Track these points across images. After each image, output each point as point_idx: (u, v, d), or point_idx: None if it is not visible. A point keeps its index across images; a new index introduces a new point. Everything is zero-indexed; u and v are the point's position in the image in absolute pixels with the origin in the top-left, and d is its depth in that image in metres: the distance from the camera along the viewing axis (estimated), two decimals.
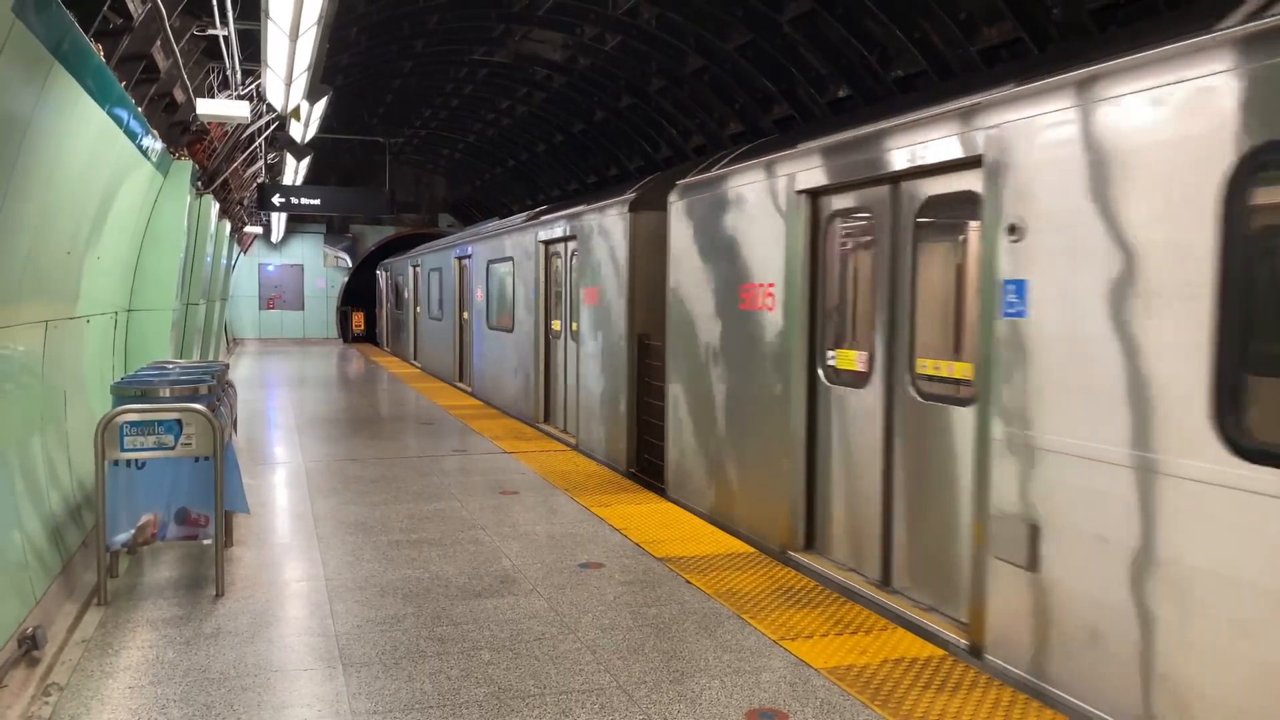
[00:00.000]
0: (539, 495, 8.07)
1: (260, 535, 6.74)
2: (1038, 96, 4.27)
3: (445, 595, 5.44)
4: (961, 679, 4.31)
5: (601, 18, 14.95)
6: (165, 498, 5.53)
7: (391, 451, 10.25)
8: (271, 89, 8.41)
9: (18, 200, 4.46)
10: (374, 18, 15.20)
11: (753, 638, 4.82)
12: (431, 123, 25.49)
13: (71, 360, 6.35)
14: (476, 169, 29.81)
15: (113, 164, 6.55)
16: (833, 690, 4.20)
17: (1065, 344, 4.06)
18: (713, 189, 7.40)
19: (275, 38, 6.75)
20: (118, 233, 7.46)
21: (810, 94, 12.90)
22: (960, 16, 9.89)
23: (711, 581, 5.72)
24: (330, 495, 8.03)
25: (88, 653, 4.54)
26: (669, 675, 4.35)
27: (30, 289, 5.06)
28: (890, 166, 5.35)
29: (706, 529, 6.97)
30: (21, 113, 4.24)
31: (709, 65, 14.53)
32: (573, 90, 18.90)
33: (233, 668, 4.38)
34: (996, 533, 4.42)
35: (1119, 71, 3.85)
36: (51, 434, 5.75)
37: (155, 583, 5.65)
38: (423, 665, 4.43)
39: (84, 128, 5.42)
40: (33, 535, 5.00)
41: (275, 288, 33.89)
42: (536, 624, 4.99)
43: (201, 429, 5.40)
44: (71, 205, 5.69)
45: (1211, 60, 3.41)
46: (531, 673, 4.36)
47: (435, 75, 20.41)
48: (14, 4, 3.64)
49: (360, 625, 4.94)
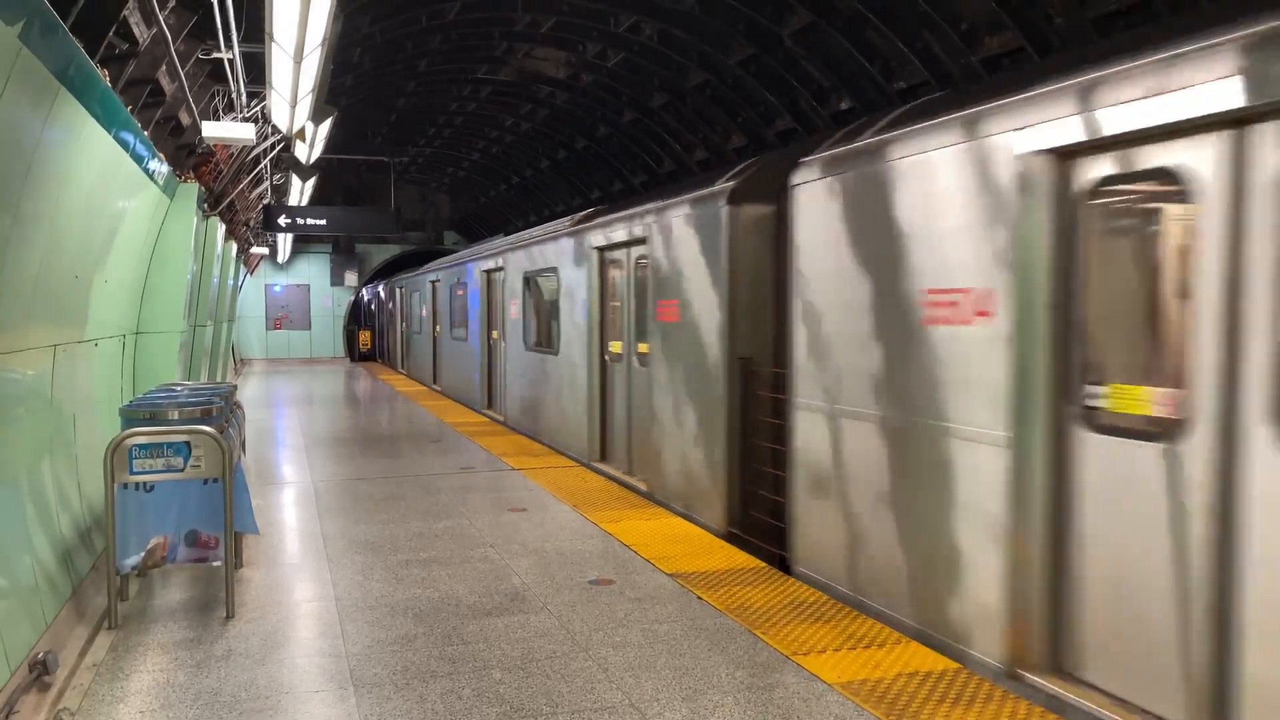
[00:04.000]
0: (546, 511, 8.05)
1: (270, 556, 6.74)
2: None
3: (456, 614, 5.42)
4: (977, 692, 4.28)
5: (604, 35, 15.02)
6: (175, 520, 5.53)
7: (398, 470, 10.24)
8: (276, 111, 8.44)
9: (26, 225, 4.48)
10: (378, 39, 15.29)
11: (765, 653, 4.79)
12: (436, 141, 25.63)
13: (80, 384, 6.36)
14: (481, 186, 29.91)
15: (120, 187, 6.58)
16: (847, 706, 4.17)
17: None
18: (871, 162, 5.49)
19: (280, 60, 6.78)
20: (125, 256, 7.49)
21: (813, 106, 12.93)
22: (962, 27, 9.91)
23: (722, 597, 5.69)
24: (339, 514, 8.02)
25: (99, 677, 4.53)
26: (681, 692, 4.32)
27: (39, 313, 5.08)
28: (1227, 104, 3.45)
29: (717, 544, 6.93)
30: (29, 138, 4.26)
31: (711, 80, 14.59)
32: (576, 107, 18.99)
33: (244, 690, 4.36)
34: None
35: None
36: (61, 458, 5.76)
37: (166, 605, 5.64)
38: (434, 685, 4.41)
39: (91, 152, 5.44)
40: (43, 559, 5.00)
41: (282, 308, 34.01)
42: (548, 642, 4.96)
43: (210, 451, 5.40)
44: (79, 229, 5.72)
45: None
46: (544, 691, 4.33)
47: (439, 94, 20.52)
48: (20, 31, 3.66)
49: (371, 646, 4.92)
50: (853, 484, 5.68)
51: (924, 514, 5.00)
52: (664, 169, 18.42)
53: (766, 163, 7.64)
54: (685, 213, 7.90)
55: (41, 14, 3.92)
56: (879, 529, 5.40)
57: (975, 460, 4.63)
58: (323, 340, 34.53)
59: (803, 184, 6.19)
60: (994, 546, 4.52)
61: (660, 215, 8.43)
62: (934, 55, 10.35)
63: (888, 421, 5.34)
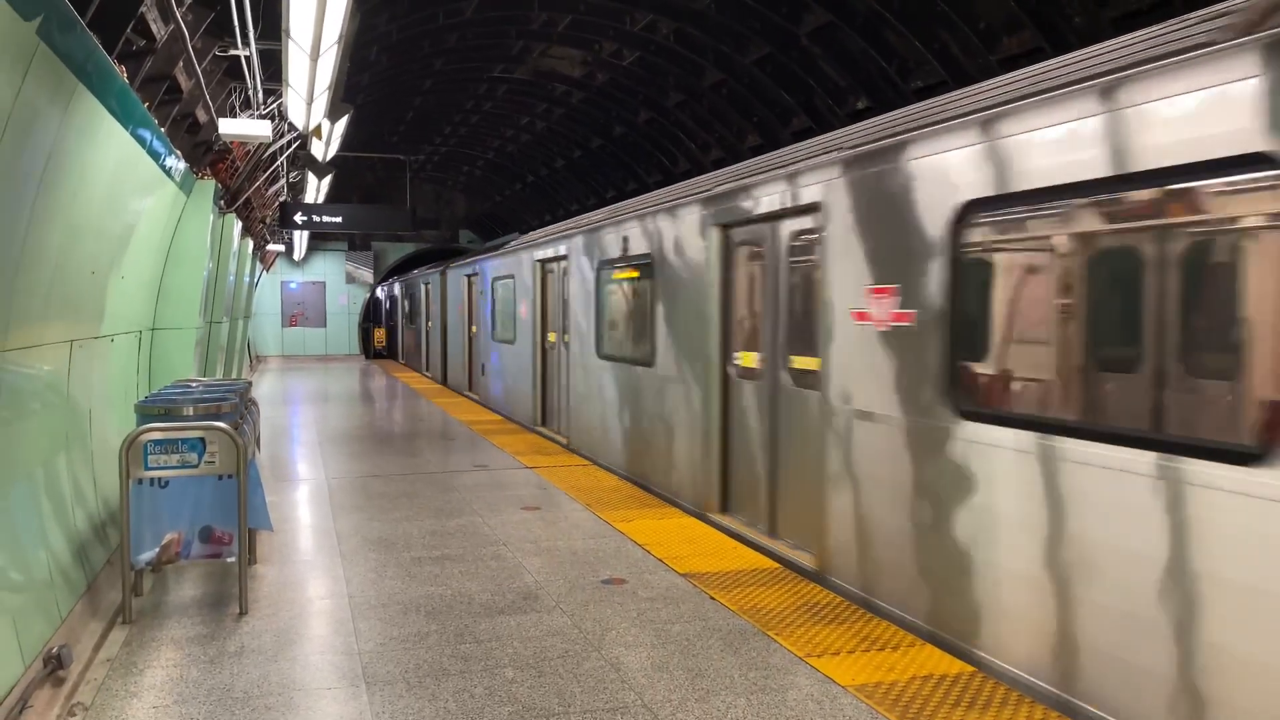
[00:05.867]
0: (560, 510, 8.04)
1: (283, 552, 6.75)
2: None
3: (468, 612, 5.41)
4: (992, 696, 4.24)
5: (619, 34, 15.00)
6: (189, 516, 5.55)
7: (413, 467, 10.26)
8: (293, 108, 8.47)
9: (43, 221, 4.49)
10: (394, 37, 15.32)
11: (778, 655, 4.76)
12: (452, 140, 25.68)
13: (96, 379, 6.39)
14: (496, 185, 29.97)
15: (137, 184, 6.60)
16: (860, 708, 4.14)
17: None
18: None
19: (296, 57, 6.80)
20: (142, 252, 7.52)
21: (829, 105, 12.88)
22: (980, 26, 9.85)
23: (736, 598, 5.66)
24: (353, 512, 8.03)
25: (113, 672, 4.54)
26: (694, 693, 4.30)
27: (56, 309, 5.09)
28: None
29: (729, 544, 6.90)
30: (47, 135, 4.27)
31: (727, 79, 14.55)
32: (591, 106, 18.98)
33: (257, 686, 4.36)
34: None
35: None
36: (77, 453, 5.78)
37: (179, 601, 5.66)
38: (446, 684, 4.40)
39: (108, 149, 5.46)
40: (58, 554, 5.02)
41: (298, 305, 34.18)
42: (560, 641, 4.95)
43: (225, 447, 5.41)
44: (96, 225, 5.74)
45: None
46: (556, 691, 4.32)
47: (455, 92, 20.57)
48: (39, 27, 3.67)
49: (384, 643, 4.92)
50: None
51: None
52: (679, 169, 18.39)
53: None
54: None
55: (60, 10, 3.93)
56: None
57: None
58: (338, 337, 34.67)
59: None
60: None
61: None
62: (951, 55, 10.29)
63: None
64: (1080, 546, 4.09)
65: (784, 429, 6.91)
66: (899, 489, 5.32)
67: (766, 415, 7.12)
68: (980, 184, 4.71)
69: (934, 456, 5.02)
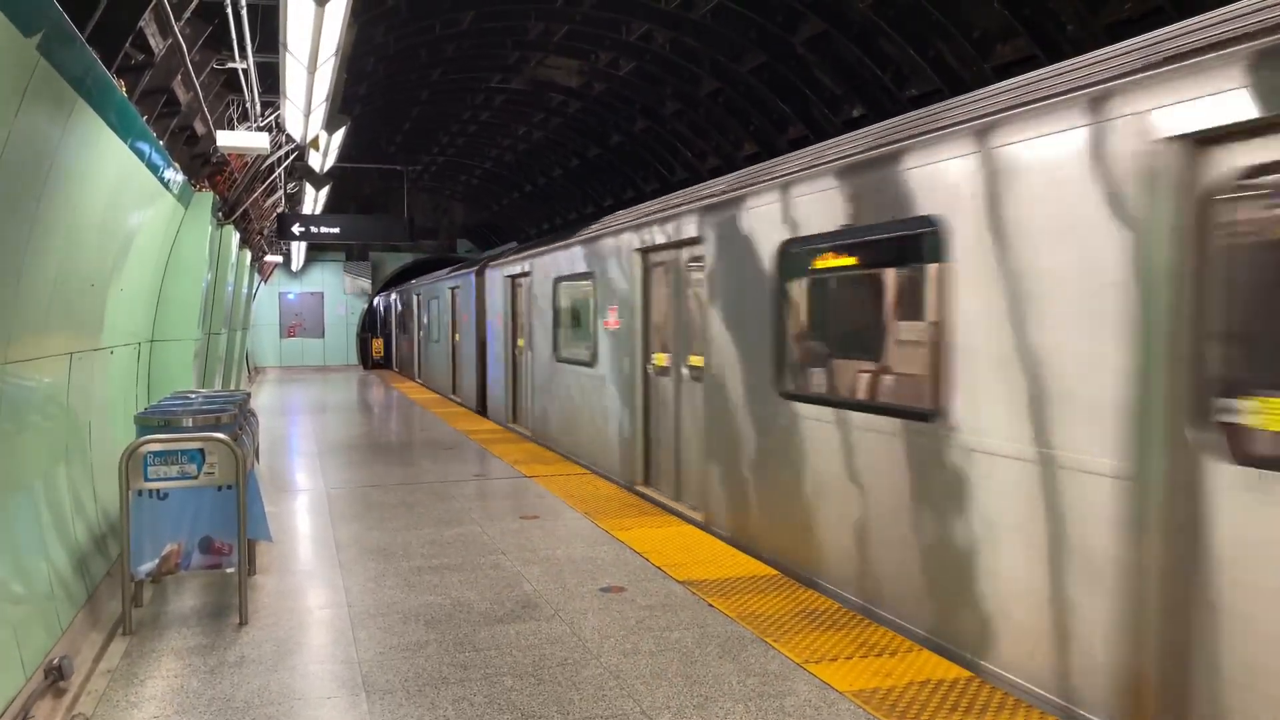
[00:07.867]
0: (559, 519, 8.06)
1: (283, 562, 6.76)
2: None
3: (468, 621, 5.43)
4: (989, 701, 4.26)
5: (616, 43, 15.06)
6: (189, 527, 5.56)
7: (410, 476, 10.27)
8: (290, 120, 8.50)
9: (43, 234, 4.52)
10: (392, 48, 15.38)
11: (776, 661, 4.78)
12: (449, 150, 25.75)
13: (96, 391, 6.41)
14: (494, 194, 30.03)
15: (135, 196, 6.64)
16: (858, 714, 4.16)
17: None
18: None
19: (294, 70, 6.84)
20: (140, 264, 7.54)
21: (825, 114, 12.93)
22: (974, 35, 9.91)
23: (734, 605, 5.68)
24: (352, 521, 8.04)
25: (113, 683, 4.55)
26: (693, 700, 4.31)
27: (56, 321, 5.12)
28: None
29: (728, 551, 6.92)
30: (46, 148, 4.30)
31: (723, 88, 14.61)
32: (588, 115, 19.05)
33: (257, 696, 4.38)
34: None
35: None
36: (77, 464, 5.80)
37: (179, 611, 5.67)
38: (446, 692, 4.42)
39: (107, 162, 5.50)
40: (59, 565, 5.03)
41: (296, 315, 34.20)
42: (559, 649, 4.97)
43: (224, 458, 5.43)
44: (95, 238, 5.77)
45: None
46: (555, 699, 4.34)
47: (452, 103, 20.63)
48: (39, 42, 3.70)
49: (383, 652, 4.93)
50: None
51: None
52: (676, 177, 18.44)
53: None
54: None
55: (59, 25, 3.96)
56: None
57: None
58: (336, 348, 34.68)
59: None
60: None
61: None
62: (946, 63, 10.35)
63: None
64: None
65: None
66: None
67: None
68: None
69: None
